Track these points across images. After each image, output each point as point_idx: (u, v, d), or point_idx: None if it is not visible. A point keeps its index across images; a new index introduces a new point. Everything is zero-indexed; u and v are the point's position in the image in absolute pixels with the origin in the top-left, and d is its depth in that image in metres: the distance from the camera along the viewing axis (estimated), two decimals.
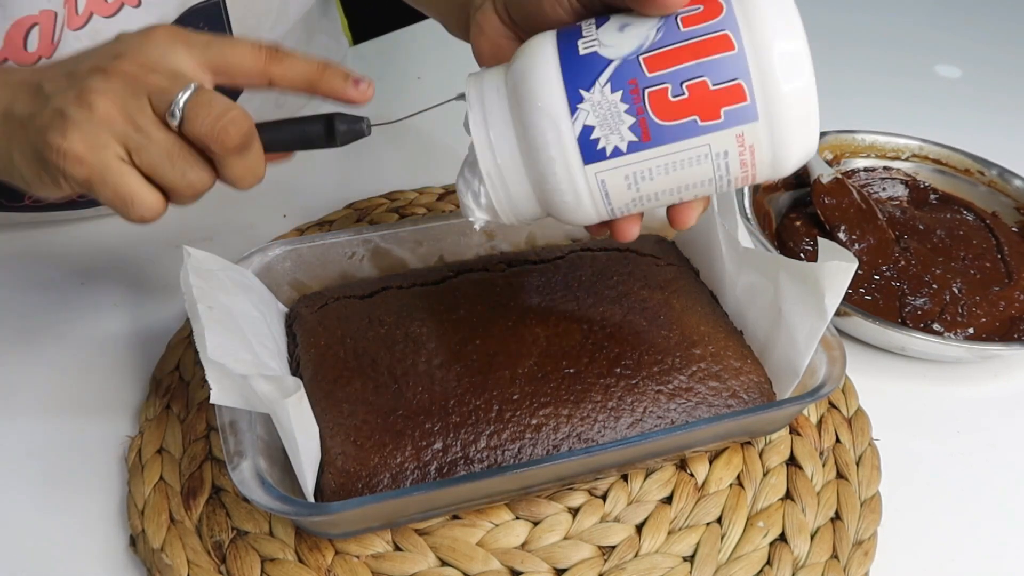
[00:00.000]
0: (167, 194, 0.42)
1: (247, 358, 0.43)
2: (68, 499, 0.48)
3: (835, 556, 0.47)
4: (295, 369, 0.49)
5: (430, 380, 0.46)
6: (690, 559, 0.46)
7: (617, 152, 0.37)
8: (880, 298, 0.61)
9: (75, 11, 0.53)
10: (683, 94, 0.36)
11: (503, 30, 0.44)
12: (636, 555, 0.46)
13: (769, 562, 0.46)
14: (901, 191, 0.72)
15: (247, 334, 0.45)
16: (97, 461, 0.50)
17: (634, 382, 0.47)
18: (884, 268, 0.63)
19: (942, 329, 0.59)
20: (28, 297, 0.60)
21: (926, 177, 0.72)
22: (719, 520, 0.48)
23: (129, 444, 0.50)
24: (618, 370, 0.48)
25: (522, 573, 0.45)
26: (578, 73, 0.37)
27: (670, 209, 0.41)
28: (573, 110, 0.37)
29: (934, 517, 0.51)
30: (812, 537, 0.48)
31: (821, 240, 0.46)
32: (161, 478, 0.48)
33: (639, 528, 0.47)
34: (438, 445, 0.44)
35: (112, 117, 0.39)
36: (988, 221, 0.68)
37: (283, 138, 0.43)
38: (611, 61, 0.37)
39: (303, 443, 0.41)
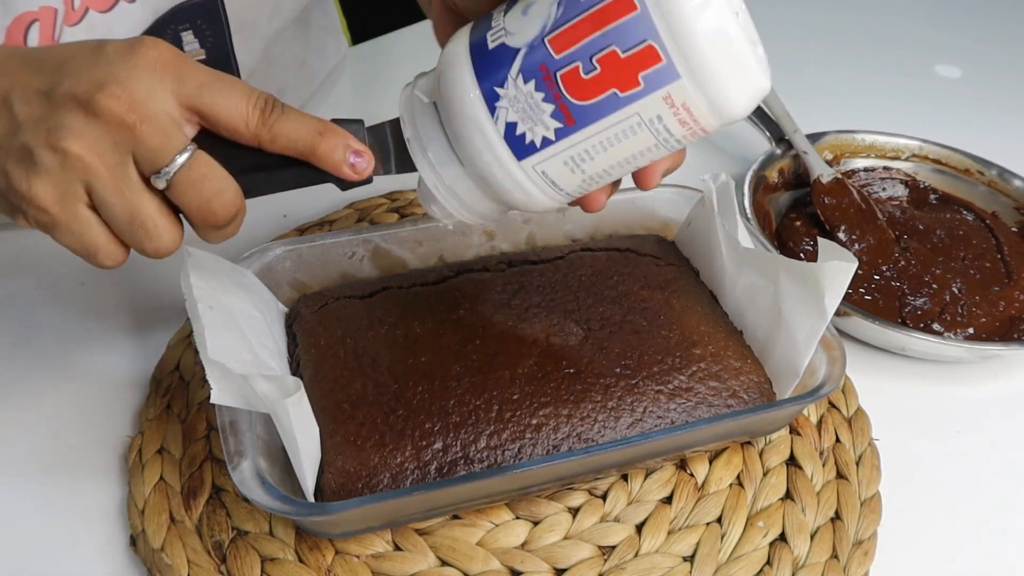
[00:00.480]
0: None
1: (247, 358, 0.43)
2: (68, 499, 0.48)
3: (835, 556, 0.47)
4: (295, 369, 0.49)
5: (430, 380, 0.46)
6: (690, 559, 0.46)
7: (546, 142, 0.36)
8: (880, 298, 0.61)
9: (71, 6, 0.52)
10: (595, 69, 0.34)
11: (453, 19, 0.43)
12: (636, 555, 0.46)
13: (769, 562, 0.46)
14: (901, 191, 0.72)
15: (247, 334, 0.45)
16: (97, 461, 0.50)
17: (634, 382, 0.47)
18: (884, 268, 0.63)
19: (942, 329, 0.59)
20: (28, 297, 0.60)
21: (926, 177, 0.72)
22: (719, 520, 0.48)
23: (129, 444, 0.50)
24: (618, 370, 0.48)
25: (522, 573, 0.45)
26: (490, 70, 0.36)
27: (635, 173, 0.40)
28: (492, 110, 0.36)
29: (934, 517, 0.51)
30: (812, 537, 0.48)
31: (821, 240, 0.46)
32: (161, 478, 0.48)
33: (639, 528, 0.47)
34: (438, 445, 0.44)
35: (85, 166, 0.36)
36: (988, 221, 0.68)
37: (273, 184, 0.40)
38: (518, 50, 0.35)
39: (303, 443, 0.41)
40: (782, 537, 0.47)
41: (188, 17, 0.59)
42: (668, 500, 0.48)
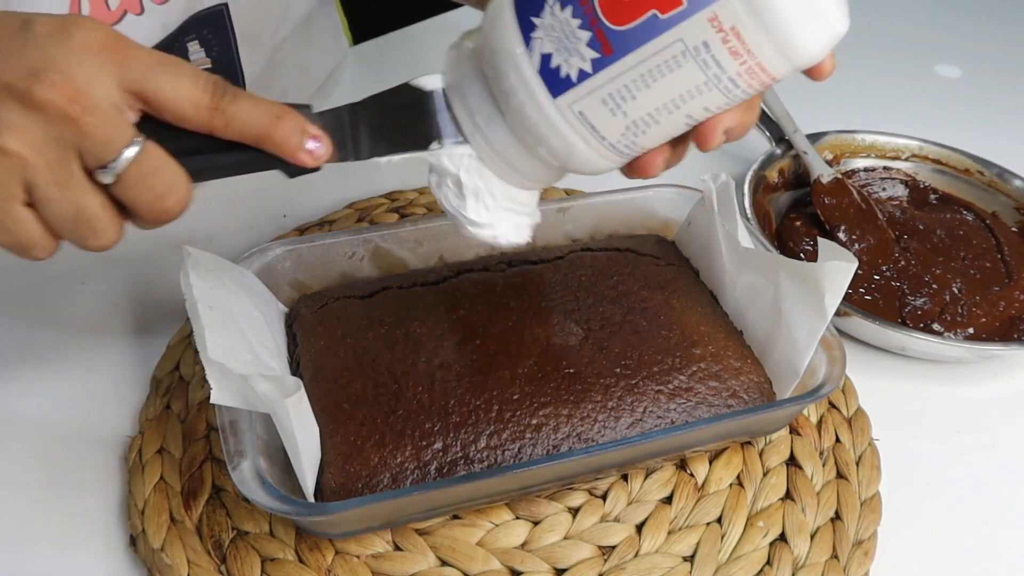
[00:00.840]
0: None
1: (247, 358, 0.43)
2: (68, 499, 0.48)
3: (835, 556, 0.47)
4: (295, 369, 0.49)
5: (430, 380, 0.46)
6: (690, 559, 0.46)
7: (583, 75, 0.34)
8: (880, 298, 0.61)
9: None
10: None
11: None
12: (636, 555, 0.46)
13: (769, 562, 0.46)
14: (901, 191, 0.72)
15: (247, 334, 0.45)
16: (97, 461, 0.50)
17: (634, 382, 0.47)
18: (884, 268, 0.63)
19: (942, 329, 0.59)
20: (28, 297, 0.60)
21: (926, 177, 0.72)
22: (719, 520, 0.48)
23: (129, 444, 0.50)
24: (618, 370, 0.48)
25: (522, 573, 0.45)
26: (529, 1, 0.34)
27: (693, 131, 0.36)
28: (528, 40, 0.34)
29: (934, 517, 0.51)
30: (812, 537, 0.48)
31: (821, 240, 0.46)
32: (161, 478, 0.48)
33: (639, 528, 0.47)
34: (438, 445, 0.44)
35: (25, 164, 0.33)
36: (988, 221, 0.68)
37: (222, 170, 0.37)
38: None
39: (303, 443, 0.41)
40: (782, 537, 0.47)
41: (195, 28, 0.59)
42: (668, 500, 0.48)
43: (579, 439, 0.45)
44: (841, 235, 0.64)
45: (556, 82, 0.34)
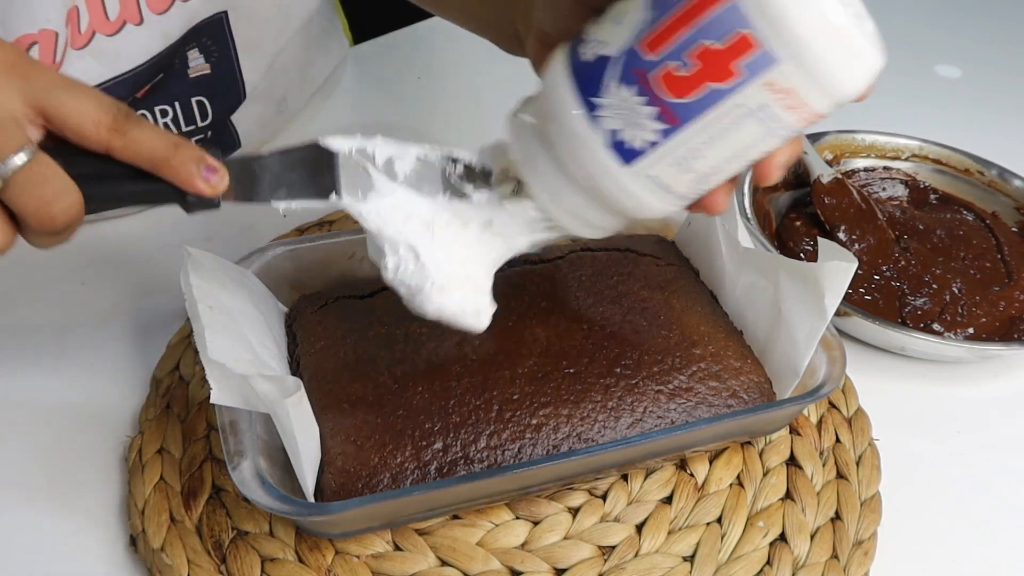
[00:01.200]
0: None
1: (247, 358, 0.43)
2: (68, 499, 0.48)
3: (835, 556, 0.47)
4: (295, 369, 0.49)
5: (430, 380, 0.46)
6: (690, 559, 0.46)
7: (652, 145, 0.36)
8: (880, 298, 0.61)
9: (78, 30, 0.52)
10: (690, 66, 0.34)
11: (549, 52, 0.42)
12: (636, 555, 0.46)
13: (769, 562, 0.46)
14: (901, 191, 0.72)
15: (247, 334, 0.45)
16: (97, 461, 0.50)
17: (634, 382, 0.47)
18: (884, 268, 0.63)
19: (942, 329, 0.59)
20: (28, 297, 0.60)
21: (926, 177, 0.72)
22: (719, 520, 0.48)
23: (129, 444, 0.50)
24: (618, 370, 0.48)
25: (522, 573, 0.45)
26: (589, 82, 0.36)
27: (753, 168, 0.38)
28: (595, 120, 0.36)
29: (934, 517, 0.51)
30: (812, 537, 0.48)
31: (821, 240, 0.46)
32: (161, 478, 0.48)
33: (639, 528, 0.47)
34: (438, 445, 0.44)
35: None
36: (988, 221, 0.68)
37: (118, 197, 0.38)
38: (614, 57, 0.36)
39: (303, 443, 0.41)
40: (782, 537, 0.47)
41: (194, 37, 0.59)
42: (668, 500, 0.48)
43: (579, 439, 0.45)
44: (841, 235, 0.64)
45: (625, 153, 0.37)
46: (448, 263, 0.42)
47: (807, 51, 0.33)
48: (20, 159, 0.34)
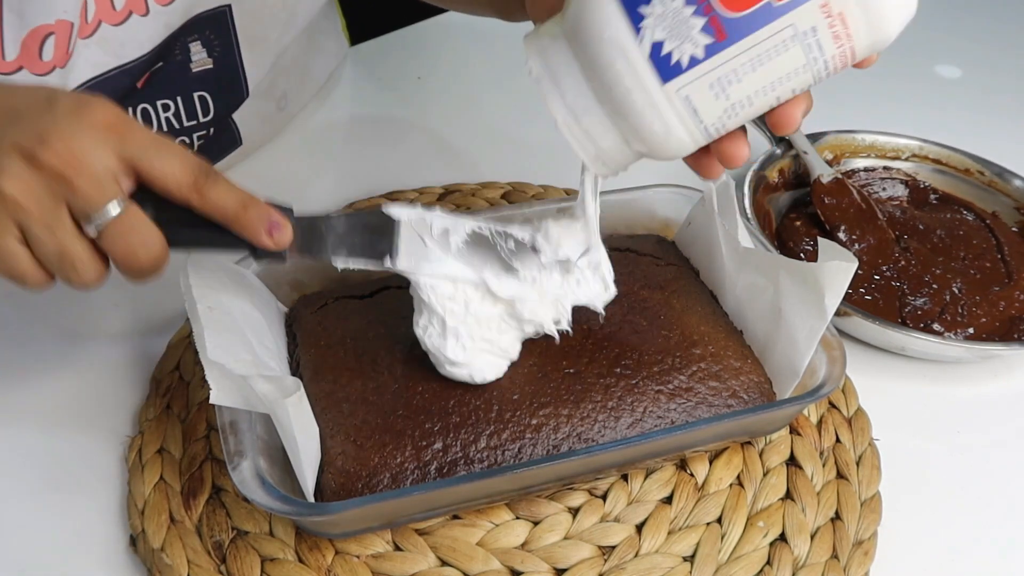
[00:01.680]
0: None
1: (247, 358, 0.43)
2: (68, 499, 0.48)
3: (835, 556, 0.47)
4: (295, 369, 0.49)
5: (430, 380, 0.46)
6: (690, 559, 0.46)
7: (694, 61, 0.35)
8: (880, 298, 0.61)
9: (85, 19, 0.53)
10: None
11: None
12: (636, 555, 0.46)
13: (769, 562, 0.46)
14: (901, 191, 0.72)
15: (247, 334, 0.45)
16: (97, 461, 0.50)
17: (634, 382, 0.47)
18: (884, 268, 0.63)
19: (942, 329, 0.59)
20: (28, 297, 0.60)
21: (926, 177, 0.72)
22: (719, 520, 0.48)
23: (129, 444, 0.50)
24: (618, 370, 0.48)
25: (522, 573, 0.45)
26: None
27: (770, 116, 0.38)
28: (638, 30, 0.35)
29: (934, 517, 0.51)
30: (812, 537, 0.48)
31: (821, 240, 0.46)
32: (161, 478, 0.48)
33: (639, 528, 0.47)
34: (438, 445, 0.44)
35: (19, 206, 0.38)
36: (988, 221, 0.68)
37: (198, 242, 0.42)
38: None
39: (303, 443, 0.41)
40: (782, 537, 0.47)
41: (197, 28, 0.59)
42: (668, 500, 0.48)
43: (579, 439, 0.45)
44: (841, 235, 0.64)
45: (667, 68, 0.35)
46: (469, 339, 0.45)
47: None
48: (114, 210, 0.39)
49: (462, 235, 0.45)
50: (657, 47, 0.35)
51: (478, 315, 0.45)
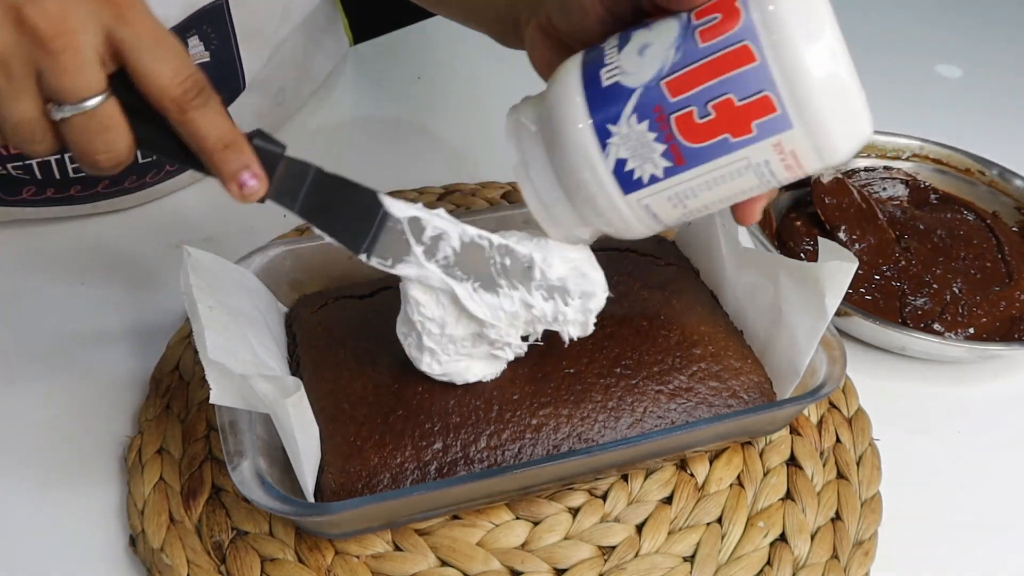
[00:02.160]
0: None
1: (247, 358, 0.43)
2: (68, 499, 0.48)
3: (835, 556, 0.47)
4: (295, 369, 0.49)
5: (430, 380, 0.46)
6: (690, 559, 0.46)
7: (654, 179, 0.37)
8: (880, 298, 0.61)
9: None
10: (710, 114, 0.35)
11: (552, 44, 0.43)
12: (636, 555, 0.46)
13: (769, 562, 0.46)
14: (901, 191, 0.72)
15: (247, 334, 0.45)
16: (97, 461, 0.50)
17: (634, 382, 0.47)
18: (884, 268, 0.63)
19: (942, 329, 0.59)
20: (28, 297, 0.60)
21: (926, 177, 0.72)
22: (719, 520, 0.48)
23: (129, 444, 0.50)
24: (618, 370, 0.48)
25: (522, 573, 0.45)
26: (604, 107, 0.37)
27: (733, 208, 0.41)
28: (604, 146, 0.37)
29: (934, 517, 0.51)
30: (812, 537, 0.48)
31: (821, 240, 0.46)
32: (161, 478, 0.48)
33: (639, 528, 0.47)
34: (438, 445, 0.44)
35: None
36: (988, 221, 0.68)
37: (165, 152, 0.38)
38: (634, 90, 0.36)
39: (303, 443, 0.41)
40: (782, 537, 0.47)
41: (195, 23, 0.59)
42: (668, 500, 0.48)
43: (579, 439, 0.45)
44: (841, 235, 0.64)
45: (628, 182, 0.38)
46: (445, 356, 0.45)
47: (819, 120, 0.35)
48: (90, 104, 0.34)
49: (456, 242, 0.42)
50: (621, 163, 0.37)
51: (452, 336, 0.44)
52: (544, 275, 0.43)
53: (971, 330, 0.59)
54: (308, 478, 0.42)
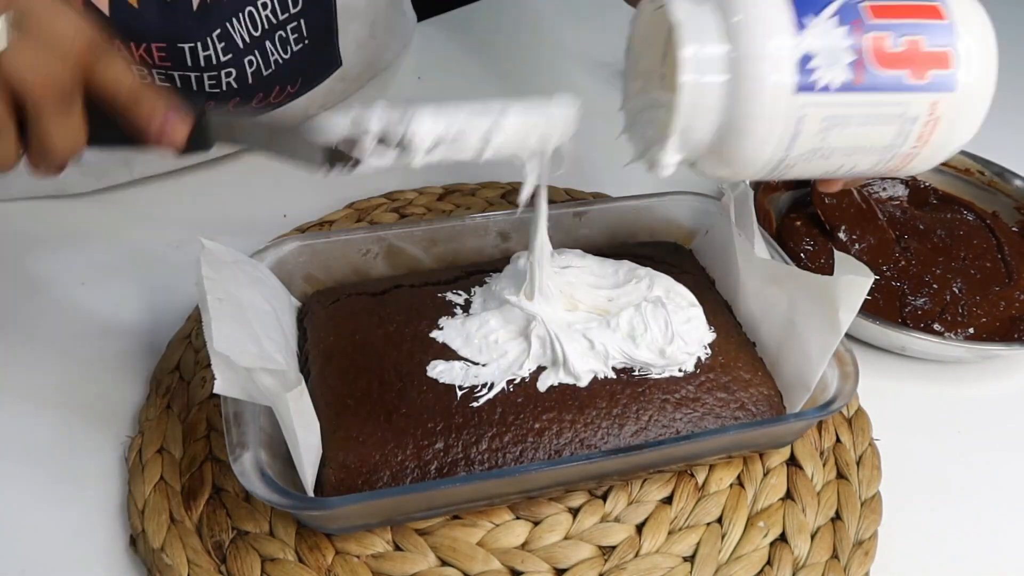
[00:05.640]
0: None
1: (252, 351, 0.43)
2: (68, 499, 0.48)
3: (835, 556, 0.47)
4: (304, 363, 0.49)
5: (435, 380, 0.46)
6: (690, 559, 0.46)
7: (826, 88, 0.37)
8: (880, 298, 0.61)
9: None
10: (900, 46, 0.37)
11: None
12: (636, 555, 0.46)
13: (769, 562, 0.46)
14: (901, 191, 0.72)
15: (255, 327, 0.45)
16: (97, 461, 0.50)
17: (640, 390, 0.47)
18: (884, 268, 0.63)
19: (942, 329, 0.59)
20: (28, 297, 0.60)
21: (926, 177, 0.72)
22: (719, 520, 0.48)
23: (129, 444, 0.50)
24: (625, 376, 0.47)
25: (522, 573, 0.45)
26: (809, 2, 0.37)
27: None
28: (800, 29, 0.36)
29: (934, 517, 0.51)
30: (812, 537, 0.48)
31: (837, 254, 0.45)
32: (161, 478, 0.48)
33: (639, 528, 0.47)
34: (439, 445, 0.44)
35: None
36: (988, 221, 0.68)
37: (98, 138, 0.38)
38: None
39: (303, 437, 0.41)
40: (782, 537, 0.47)
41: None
42: (668, 500, 0.48)
43: (582, 445, 0.45)
44: (841, 235, 0.64)
45: (806, 80, 0.37)
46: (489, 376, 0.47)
47: (973, 97, 0.39)
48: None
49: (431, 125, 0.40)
50: (807, 58, 0.36)
51: (500, 363, 0.47)
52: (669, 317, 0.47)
53: (971, 330, 0.59)
54: (308, 472, 0.42)
